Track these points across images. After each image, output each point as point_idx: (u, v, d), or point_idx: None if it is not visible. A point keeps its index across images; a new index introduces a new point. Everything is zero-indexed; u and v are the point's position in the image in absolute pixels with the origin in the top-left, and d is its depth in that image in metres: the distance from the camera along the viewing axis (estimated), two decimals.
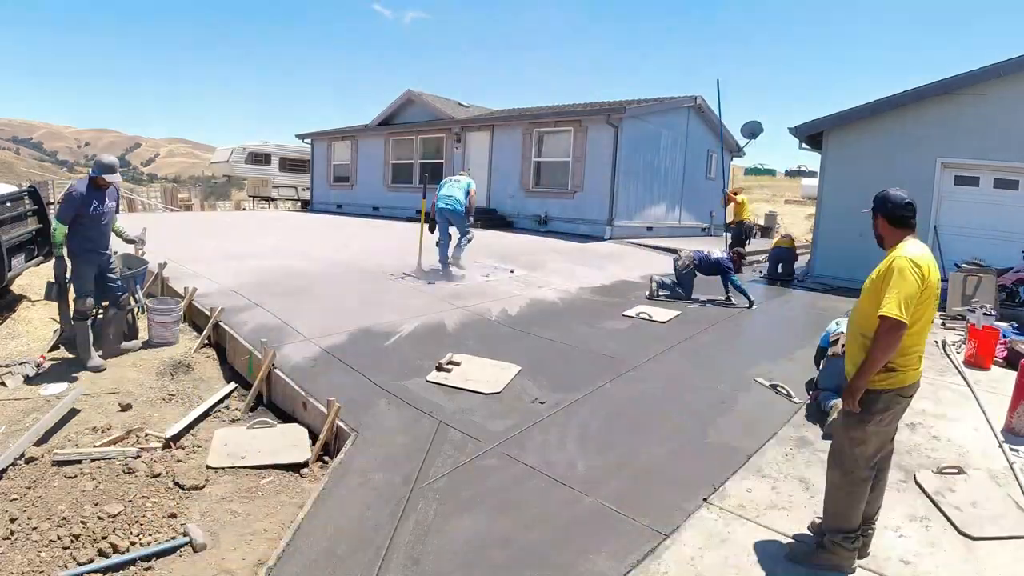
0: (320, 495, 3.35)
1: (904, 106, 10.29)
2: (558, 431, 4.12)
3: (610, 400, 4.70)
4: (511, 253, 11.06)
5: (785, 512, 3.23)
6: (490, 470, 3.62)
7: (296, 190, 28.34)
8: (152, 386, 5.02)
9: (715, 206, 19.27)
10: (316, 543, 2.95)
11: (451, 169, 17.51)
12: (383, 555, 2.84)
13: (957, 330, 7.37)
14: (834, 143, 11.12)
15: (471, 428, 4.09)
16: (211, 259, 8.95)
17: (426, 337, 5.94)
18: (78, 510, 3.27)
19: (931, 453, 3.99)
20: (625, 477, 3.58)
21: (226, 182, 45.38)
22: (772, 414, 4.54)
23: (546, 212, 15.29)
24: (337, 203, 21.32)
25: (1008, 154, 9.48)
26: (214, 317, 5.96)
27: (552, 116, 15.58)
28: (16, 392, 4.80)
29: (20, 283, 7.31)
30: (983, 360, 5.89)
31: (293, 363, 5.03)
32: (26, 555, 2.93)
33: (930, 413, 4.66)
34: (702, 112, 17.42)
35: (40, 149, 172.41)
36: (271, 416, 4.72)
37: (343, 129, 21.73)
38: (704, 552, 2.87)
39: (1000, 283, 8.55)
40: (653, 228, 15.92)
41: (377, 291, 7.59)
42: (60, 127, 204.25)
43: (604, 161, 14.25)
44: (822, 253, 11.23)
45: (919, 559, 2.85)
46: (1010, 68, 9.27)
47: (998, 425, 4.42)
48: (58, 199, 23.44)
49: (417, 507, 3.23)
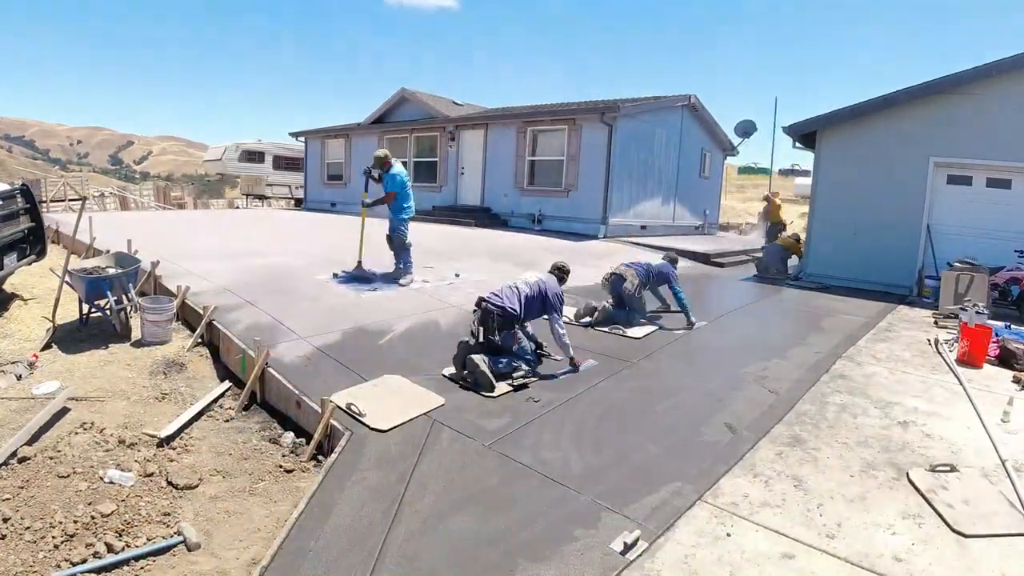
0: (314, 494, 3.34)
1: (897, 105, 10.32)
2: (552, 429, 4.13)
3: (606, 397, 4.72)
4: (504, 252, 11.06)
5: (778, 510, 3.24)
6: (484, 468, 3.63)
7: (290, 188, 28.25)
8: (145, 385, 5.00)
9: (709, 204, 19.36)
10: (310, 542, 2.95)
11: (445, 167, 17.52)
12: (377, 553, 2.84)
13: (950, 328, 7.41)
14: (827, 142, 11.15)
15: (466, 427, 4.10)
16: (204, 257, 8.91)
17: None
18: (71, 510, 3.25)
19: (924, 451, 4.01)
20: (619, 475, 3.59)
21: (219, 180, 45.22)
22: (765, 412, 4.56)
23: (540, 211, 15.29)
24: (331, 201, 21.26)
25: (1000, 153, 9.52)
26: (207, 316, 5.94)
27: (546, 115, 15.58)
28: (8, 391, 4.77)
29: (12, 282, 7.27)
30: (975, 358, 5.92)
31: (285, 362, 5.02)
32: (19, 555, 2.91)
33: (923, 411, 4.69)
34: (696, 111, 17.44)
35: (32, 147, 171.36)
36: (264, 415, 4.71)
37: (337, 127, 21.68)
38: (697, 550, 2.88)
39: (992, 282, 8.60)
40: (647, 227, 15.94)
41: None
42: (52, 125, 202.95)
43: (598, 160, 14.26)
44: (815, 252, 11.26)
45: (912, 556, 2.87)
46: (1003, 67, 9.30)
47: (991, 423, 4.44)
48: (51, 197, 23.30)
49: (411, 505, 3.23)
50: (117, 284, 6.05)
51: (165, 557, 3.03)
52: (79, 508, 3.27)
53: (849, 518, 3.17)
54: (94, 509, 3.27)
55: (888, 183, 10.34)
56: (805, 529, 3.07)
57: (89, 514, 3.23)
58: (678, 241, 14.66)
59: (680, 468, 3.68)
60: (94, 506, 3.29)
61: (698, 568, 2.76)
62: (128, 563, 2.94)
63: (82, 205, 7.08)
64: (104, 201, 24.93)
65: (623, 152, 14.55)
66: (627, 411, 4.54)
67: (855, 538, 3.01)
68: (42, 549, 2.97)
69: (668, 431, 4.23)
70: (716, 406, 4.65)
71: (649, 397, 4.83)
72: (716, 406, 4.65)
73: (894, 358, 6.10)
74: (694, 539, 2.97)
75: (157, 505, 3.42)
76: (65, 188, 23.88)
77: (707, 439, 4.11)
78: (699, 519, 3.15)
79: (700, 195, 18.71)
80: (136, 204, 25.61)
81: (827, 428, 4.30)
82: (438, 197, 17.63)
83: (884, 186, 10.35)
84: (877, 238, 10.35)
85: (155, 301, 6.16)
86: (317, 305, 6.70)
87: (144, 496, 3.47)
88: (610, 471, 3.62)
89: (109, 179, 76.42)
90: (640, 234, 15.27)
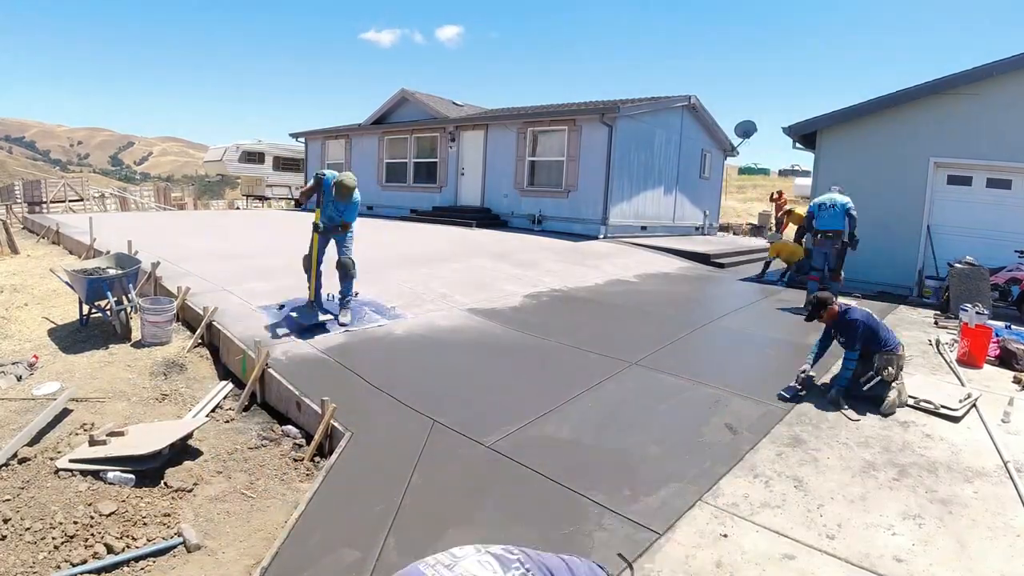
0: (315, 495, 3.34)
1: (897, 106, 10.32)
2: (553, 429, 4.13)
3: (609, 395, 4.72)
4: (504, 252, 11.06)
5: (778, 510, 3.24)
6: (484, 469, 3.62)
7: (290, 189, 28.28)
8: (146, 386, 5.00)
9: (710, 205, 19.34)
10: (311, 543, 2.95)
11: (446, 168, 17.51)
12: (378, 554, 2.84)
13: (950, 329, 7.41)
14: (827, 142, 11.15)
15: (467, 429, 4.09)
16: (204, 258, 8.91)
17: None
18: (71, 510, 3.25)
19: (924, 451, 4.01)
20: (619, 475, 3.59)
21: (220, 181, 45.29)
22: (765, 413, 4.55)
23: (540, 211, 15.28)
24: None
25: (1001, 153, 9.52)
26: (207, 316, 5.93)
27: (546, 115, 15.57)
28: (8, 392, 4.77)
29: (12, 283, 7.28)
30: (976, 359, 5.92)
31: (284, 365, 5.02)
32: (19, 555, 2.91)
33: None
34: (696, 111, 17.45)
35: (33, 148, 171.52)
36: (265, 416, 4.71)
37: (337, 128, 21.66)
38: (697, 551, 2.88)
39: (993, 282, 8.60)
40: (648, 227, 15.94)
41: None
42: (53, 126, 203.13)
43: (598, 160, 14.25)
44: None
45: (912, 557, 2.87)
46: (1004, 68, 9.31)
47: (992, 423, 4.44)
48: (51, 198, 23.27)
49: (411, 507, 3.22)
50: (117, 285, 6.05)
51: (165, 558, 3.03)
52: (79, 509, 3.27)
53: (849, 518, 3.17)
54: (94, 509, 3.27)
55: (888, 183, 10.34)
56: (805, 529, 3.07)
57: (89, 514, 3.23)
58: (678, 242, 14.67)
59: (680, 468, 3.68)
60: (94, 506, 3.29)
61: (698, 569, 2.76)
62: (128, 564, 2.94)
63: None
64: (104, 202, 24.96)
65: (623, 153, 14.55)
66: (626, 411, 4.53)
67: (855, 538, 3.01)
68: (42, 550, 2.97)
69: (668, 431, 4.22)
70: (715, 407, 4.64)
71: (648, 398, 4.83)
72: (715, 407, 4.64)
73: None
74: (695, 539, 2.97)
75: (157, 506, 3.42)
76: (65, 189, 23.89)
77: (706, 439, 4.10)
78: (699, 519, 3.15)
79: (700, 196, 18.71)
80: (136, 205, 25.60)
81: (827, 428, 4.30)
82: (438, 198, 17.63)
83: (884, 186, 10.35)
84: (877, 238, 10.33)
85: (155, 302, 6.16)
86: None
87: (144, 497, 3.47)
88: (609, 471, 3.62)
89: (109, 180, 76.56)
90: (641, 235, 15.28)
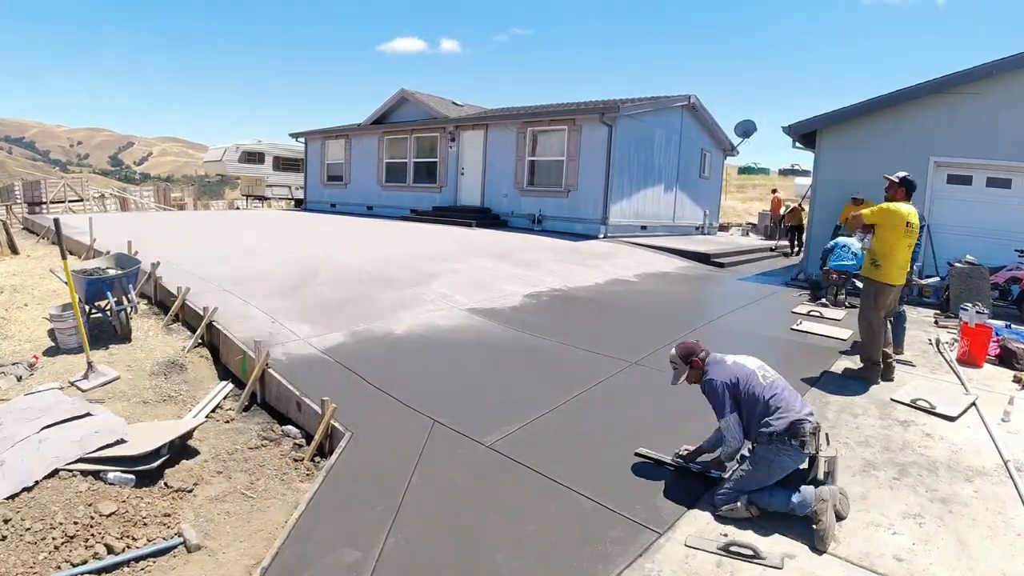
0: (315, 495, 3.34)
1: (897, 105, 10.32)
2: (554, 429, 4.12)
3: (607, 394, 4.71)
4: (506, 251, 11.06)
5: None
6: (484, 470, 3.62)
7: (290, 189, 28.27)
8: (146, 386, 5.00)
9: (710, 205, 19.34)
10: (311, 543, 2.95)
11: (445, 168, 17.51)
12: (378, 554, 2.84)
13: (950, 328, 7.41)
14: (827, 142, 11.15)
15: (467, 428, 4.09)
16: (204, 258, 8.91)
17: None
18: (71, 511, 3.25)
19: (924, 451, 4.01)
20: (619, 474, 3.59)
21: (219, 181, 45.29)
22: None
23: (540, 211, 15.28)
24: (331, 202, 21.25)
25: (1001, 153, 9.52)
26: (207, 317, 5.93)
27: (546, 115, 15.57)
28: (8, 392, 4.77)
29: (12, 283, 7.28)
30: (976, 358, 5.92)
31: (285, 363, 5.02)
32: (20, 556, 2.91)
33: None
34: (696, 111, 17.45)
35: (33, 148, 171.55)
36: (265, 416, 4.71)
37: (337, 128, 21.66)
38: (697, 551, 2.88)
39: (993, 281, 8.60)
40: (648, 227, 15.95)
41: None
42: (52, 126, 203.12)
43: (598, 160, 14.25)
44: (815, 251, 11.24)
45: (912, 557, 2.87)
46: (1003, 67, 9.31)
47: (992, 422, 4.44)
48: (51, 198, 23.27)
49: (411, 507, 3.22)
50: (117, 285, 6.05)
51: (166, 558, 3.03)
52: (79, 509, 3.26)
53: (850, 518, 3.17)
54: (94, 510, 3.26)
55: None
56: (805, 529, 3.07)
57: (89, 515, 3.23)
58: (679, 241, 14.67)
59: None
60: (94, 507, 3.29)
61: (697, 569, 2.76)
62: (128, 564, 2.94)
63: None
64: (104, 202, 24.96)
65: (623, 152, 14.56)
66: (625, 410, 4.52)
67: (856, 537, 3.01)
68: (42, 550, 2.97)
69: (668, 430, 4.22)
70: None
71: (649, 397, 4.83)
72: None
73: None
74: (695, 539, 2.97)
75: (157, 506, 3.41)
76: (65, 189, 23.90)
77: (706, 438, 4.09)
78: (700, 519, 3.15)
79: (700, 195, 18.73)
80: (136, 205, 25.61)
81: (828, 428, 4.29)
82: (438, 198, 17.63)
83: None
84: None
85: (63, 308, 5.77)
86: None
87: (144, 497, 3.47)
88: (609, 471, 3.62)
89: (109, 180, 76.55)
90: (641, 234, 15.28)
